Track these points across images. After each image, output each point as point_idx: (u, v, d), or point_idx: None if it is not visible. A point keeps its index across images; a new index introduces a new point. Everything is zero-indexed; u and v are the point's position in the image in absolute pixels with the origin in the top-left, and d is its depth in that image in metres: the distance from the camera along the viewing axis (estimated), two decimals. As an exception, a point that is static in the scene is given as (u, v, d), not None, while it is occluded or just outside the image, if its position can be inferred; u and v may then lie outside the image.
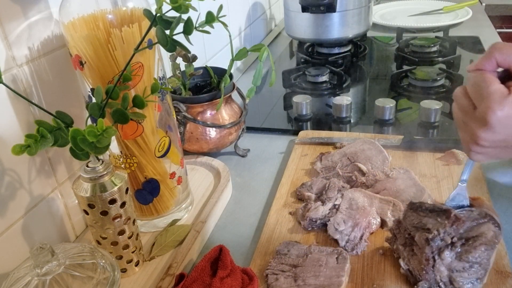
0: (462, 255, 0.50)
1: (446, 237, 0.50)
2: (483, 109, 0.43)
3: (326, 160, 0.77)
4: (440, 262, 0.50)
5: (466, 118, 0.46)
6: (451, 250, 0.50)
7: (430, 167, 0.75)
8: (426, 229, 0.52)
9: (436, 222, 0.51)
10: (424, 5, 1.64)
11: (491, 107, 0.42)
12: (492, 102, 0.42)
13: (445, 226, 0.50)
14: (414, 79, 1.07)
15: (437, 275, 0.51)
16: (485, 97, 0.43)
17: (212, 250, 0.56)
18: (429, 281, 0.51)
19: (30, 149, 0.46)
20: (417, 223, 0.53)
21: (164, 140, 0.62)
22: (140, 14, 0.56)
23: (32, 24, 0.56)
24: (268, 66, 1.25)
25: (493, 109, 0.42)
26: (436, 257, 0.51)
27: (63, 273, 0.42)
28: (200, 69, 0.83)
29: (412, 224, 0.54)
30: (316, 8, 1.20)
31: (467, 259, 0.50)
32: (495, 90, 0.42)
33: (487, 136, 0.44)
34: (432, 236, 0.50)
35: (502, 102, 0.42)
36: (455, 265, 0.50)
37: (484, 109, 0.43)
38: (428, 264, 0.51)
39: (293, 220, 0.66)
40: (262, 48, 0.63)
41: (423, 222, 0.53)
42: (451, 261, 0.50)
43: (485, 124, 0.43)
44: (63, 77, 0.62)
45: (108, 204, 0.52)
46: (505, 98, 0.42)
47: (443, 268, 0.50)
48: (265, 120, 0.99)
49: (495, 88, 0.43)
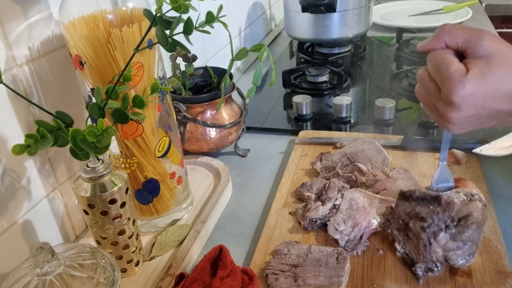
0: (456, 235, 0.52)
1: (440, 223, 0.52)
2: (446, 91, 0.44)
3: (326, 160, 0.77)
4: (435, 245, 0.53)
5: (433, 100, 0.47)
6: (445, 233, 0.53)
7: (430, 167, 0.74)
8: (420, 218, 0.54)
9: (429, 210, 0.53)
10: (424, 5, 1.64)
11: (453, 88, 0.43)
12: (453, 82, 0.43)
13: (438, 213, 0.52)
14: (414, 79, 1.07)
15: (433, 256, 0.53)
16: (446, 78, 0.44)
17: (212, 250, 0.56)
18: (426, 262, 0.54)
19: (30, 149, 0.46)
20: (409, 211, 0.55)
21: (164, 140, 0.62)
22: (140, 14, 0.56)
23: (32, 24, 0.56)
24: (268, 66, 1.25)
25: (455, 90, 0.43)
26: (432, 240, 0.53)
27: (63, 273, 0.42)
28: (200, 69, 0.83)
29: (405, 212, 0.56)
30: (316, 8, 1.20)
31: (460, 239, 0.52)
32: (454, 70, 0.44)
33: (456, 115, 0.45)
34: (428, 224, 0.52)
35: (462, 81, 0.43)
36: (450, 245, 0.53)
37: (447, 91, 0.44)
38: (426, 249, 0.53)
39: (293, 220, 0.66)
40: (262, 48, 0.63)
41: (415, 210, 0.54)
42: (446, 242, 0.53)
43: (452, 104, 0.44)
44: (63, 77, 0.62)
45: (108, 204, 0.52)
46: (464, 76, 0.43)
47: (439, 249, 0.53)
48: (265, 120, 0.99)
49: (454, 68, 0.44)
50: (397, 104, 0.93)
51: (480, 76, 0.43)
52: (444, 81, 0.44)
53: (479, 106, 0.44)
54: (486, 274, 0.54)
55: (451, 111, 0.45)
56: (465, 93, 0.43)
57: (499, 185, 0.70)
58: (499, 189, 0.70)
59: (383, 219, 0.60)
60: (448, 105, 0.45)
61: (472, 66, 0.44)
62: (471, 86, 0.43)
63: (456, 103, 0.44)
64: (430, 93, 0.47)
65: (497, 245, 0.57)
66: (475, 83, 0.43)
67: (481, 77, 0.43)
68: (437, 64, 0.45)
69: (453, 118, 0.45)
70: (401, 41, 1.33)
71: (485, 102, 0.44)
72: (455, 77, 0.43)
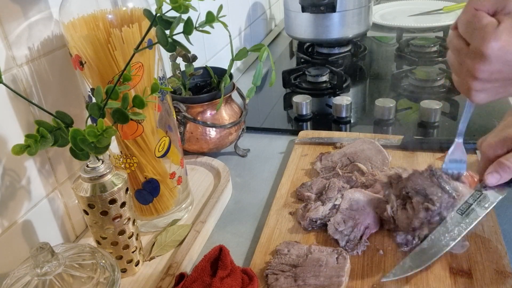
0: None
1: (444, 212, 0.55)
2: (478, 42, 0.44)
3: (326, 160, 0.77)
4: (427, 225, 0.56)
5: (461, 57, 0.47)
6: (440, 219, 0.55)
7: (430, 167, 0.74)
8: (429, 199, 0.55)
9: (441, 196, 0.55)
10: (424, 5, 1.64)
11: (485, 38, 0.44)
12: (486, 33, 0.44)
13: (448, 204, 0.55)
14: (414, 79, 1.07)
15: (418, 232, 0.56)
16: (478, 31, 0.44)
17: (212, 250, 0.56)
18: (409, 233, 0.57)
19: (30, 149, 0.46)
20: (420, 189, 0.57)
21: (164, 140, 0.62)
22: (140, 14, 0.56)
23: (32, 24, 0.56)
24: (268, 66, 1.25)
25: (488, 39, 0.44)
26: (425, 221, 0.56)
27: (63, 273, 0.42)
28: (200, 69, 0.83)
29: (414, 188, 0.57)
30: (316, 8, 1.20)
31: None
32: (487, 22, 0.44)
33: (484, 67, 0.45)
34: (433, 209, 0.55)
35: (495, 32, 0.43)
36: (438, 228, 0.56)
37: (478, 41, 0.44)
38: (416, 227, 0.56)
39: (293, 220, 0.66)
40: (262, 48, 0.63)
41: (427, 191, 0.56)
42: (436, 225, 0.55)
43: (481, 56, 0.44)
44: (63, 77, 0.62)
45: (108, 204, 0.52)
46: (496, 28, 0.43)
47: (426, 230, 0.56)
48: (265, 120, 0.99)
49: (487, 21, 0.44)
50: (397, 104, 0.93)
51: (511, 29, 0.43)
52: (475, 34, 0.45)
53: (506, 62, 0.44)
54: (486, 274, 0.54)
55: (479, 63, 0.45)
56: (497, 44, 0.43)
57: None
58: (499, 189, 0.69)
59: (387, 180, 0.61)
60: (477, 57, 0.45)
61: (504, 20, 0.44)
62: (502, 37, 0.43)
63: (487, 54, 0.44)
64: (459, 51, 0.47)
65: (497, 245, 0.57)
66: (507, 35, 0.43)
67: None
68: (468, 20, 0.46)
69: (480, 70, 0.45)
70: (401, 41, 1.33)
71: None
72: (488, 29, 0.44)
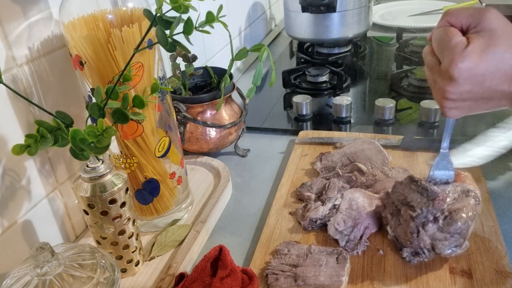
0: (444, 227, 0.54)
1: (429, 215, 0.54)
2: (446, 63, 0.44)
3: (326, 160, 0.77)
4: (423, 233, 0.54)
5: (434, 75, 0.47)
6: (434, 224, 0.54)
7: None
8: (410, 206, 0.55)
9: (420, 202, 0.55)
10: (424, 5, 1.64)
11: (453, 60, 0.43)
12: (454, 54, 0.43)
13: (428, 206, 0.54)
14: (414, 79, 1.07)
15: (420, 243, 0.55)
16: (447, 51, 0.44)
17: (212, 250, 0.56)
18: (414, 247, 0.55)
19: (30, 149, 0.46)
20: (402, 199, 0.57)
21: (164, 140, 0.62)
22: (140, 14, 0.56)
23: (32, 24, 0.56)
24: (268, 66, 1.25)
25: (455, 61, 0.43)
26: (420, 229, 0.54)
27: (63, 273, 0.42)
28: (200, 69, 0.83)
29: (398, 199, 0.58)
30: (316, 8, 1.20)
31: (448, 231, 0.53)
32: (456, 43, 0.44)
33: (453, 89, 0.45)
34: (416, 214, 0.54)
35: (462, 54, 0.43)
36: (438, 235, 0.54)
37: (447, 62, 0.44)
38: (413, 237, 0.55)
39: (293, 220, 0.66)
40: (262, 48, 0.63)
41: (408, 199, 0.56)
42: (434, 232, 0.54)
43: (450, 77, 0.44)
44: (63, 77, 0.62)
45: (108, 204, 0.52)
46: (465, 49, 0.43)
47: (426, 238, 0.54)
48: (265, 120, 0.99)
49: (456, 41, 0.44)
50: (397, 104, 0.93)
51: (480, 50, 0.43)
52: (445, 54, 0.45)
53: (476, 83, 0.44)
54: (486, 274, 0.54)
55: (448, 85, 0.45)
56: (464, 66, 0.43)
57: (499, 185, 0.70)
58: (499, 189, 0.70)
59: (381, 203, 0.62)
60: (446, 78, 0.45)
61: (473, 39, 0.43)
62: (470, 59, 0.43)
63: (455, 76, 0.44)
64: (432, 69, 0.47)
65: (497, 245, 0.57)
66: (475, 56, 0.43)
67: (481, 51, 0.43)
68: (440, 37, 0.46)
69: (450, 92, 0.45)
70: (401, 41, 1.33)
71: (483, 79, 0.44)
72: (456, 49, 0.43)
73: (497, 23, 0.43)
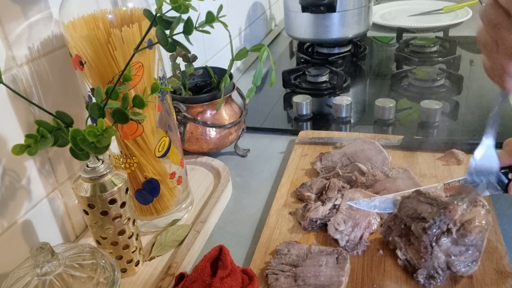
0: (458, 239, 0.52)
1: (442, 225, 0.52)
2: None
3: (326, 160, 0.77)
4: (437, 249, 0.52)
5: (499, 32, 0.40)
6: (447, 236, 0.52)
7: (430, 167, 0.74)
8: (421, 218, 0.53)
9: (431, 211, 0.53)
10: (424, 5, 1.64)
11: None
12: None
13: (440, 215, 0.52)
14: (414, 79, 1.07)
15: (435, 262, 0.52)
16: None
17: (212, 250, 0.56)
18: (428, 268, 0.53)
19: (30, 149, 0.46)
20: (412, 213, 0.55)
21: (164, 140, 0.62)
22: (140, 14, 0.56)
23: (32, 24, 0.56)
24: (268, 66, 1.25)
25: None
26: (434, 244, 0.52)
27: (63, 273, 0.42)
28: (200, 69, 0.83)
29: (407, 214, 0.56)
30: (316, 8, 1.20)
31: (463, 243, 0.52)
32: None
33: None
34: (429, 225, 0.52)
35: None
36: (452, 249, 0.52)
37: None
38: (427, 252, 0.52)
39: (293, 220, 0.66)
40: (262, 48, 0.63)
41: (418, 212, 0.54)
42: (449, 247, 0.52)
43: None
44: (63, 77, 0.62)
45: (108, 204, 0.52)
46: None
47: (441, 254, 0.52)
48: (265, 120, 0.99)
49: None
50: (397, 104, 0.93)
51: None
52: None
53: None
54: (486, 274, 0.54)
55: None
56: None
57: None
58: (499, 189, 0.70)
59: (384, 227, 0.59)
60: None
61: None
62: None
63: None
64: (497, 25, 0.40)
65: (497, 245, 0.57)
66: None
67: None
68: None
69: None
70: (401, 41, 1.33)
71: None
72: None
73: None
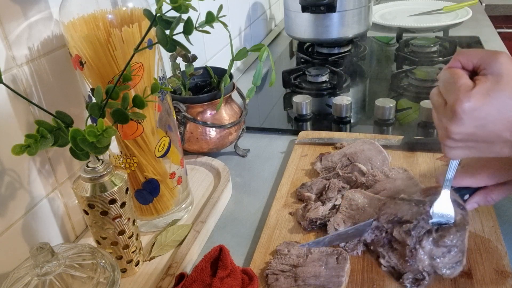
0: (438, 240, 0.53)
1: (425, 224, 0.54)
2: (452, 102, 0.45)
3: (326, 161, 0.77)
4: (421, 251, 0.53)
5: (439, 114, 0.48)
6: (428, 237, 0.53)
7: (430, 167, 0.74)
8: (403, 221, 0.55)
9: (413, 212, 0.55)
10: (424, 5, 1.64)
11: (459, 99, 0.44)
12: (459, 94, 0.44)
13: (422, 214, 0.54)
14: (414, 79, 1.07)
15: (419, 265, 0.53)
16: (454, 91, 0.45)
17: (212, 250, 0.56)
18: (413, 272, 0.53)
19: (30, 149, 0.46)
20: (392, 218, 0.56)
21: (164, 140, 0.62)
22: (140, 14, 0.56)
23: (32, 24, 0.56)
24: (268, 66, 1.25)
25: (460, 101, 0.44)
26: (417, 247, 0.53)
27: (63, 273, 0.42)
28: (200, 69, 0.83)
29: (387, 220, 0.57)
30: (316, 8, 1.20)
31: (443, 244, 0.52)
32: (462, 83, 0.45)
33: (456, 128, 0.45)
34: (413, 225, 0.54)
35: (468, 94, 0.44)
36: (435, 251, 0.53)
37: (452, 102, 0.45)
38: (412, 255, 0.53)
39: (293, 220, 0.66)
40: (262, 48, 0.63)
41: (398, 215, 0.56)
42: (431, 248, 0.53)
43: (454, 116, 0.45)
44: (63, 77, 0.62)
45: (108, 204, 0.52)
46: (471, 90, 0.44)
47: (425, 256, 0.53)
48: (265, 120, 0.99)
49: (462, 82, 0.45)
50: (397, 104, 0.93)
51: (485, 92, 0.43)
52: (451, 94, 0.45)
53: (479, 125, 0.44)
54: (486, 274, 0.54)
55: (452, 124, 0.45)
56: (468, 105, 0.43)
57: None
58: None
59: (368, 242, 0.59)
60: (451, 117, 0.45)
61: (479, 82, 0.44)
62: (475, 100, 0.43)
63: (459, 115, 0.44)
64: (438, 108, 0.48)
65: (497, 245, 0.57)
66: (480, 98, 0.43)
67: (486, 94, 0.43)
68: (446, 78, 0.47)
69: (453, 131, 0.45)
70: (401, 41, 1.33)
71: (485, 121, 0.44)
72: (461, 90, 0.44)
73: (506, 68, 0.44)
